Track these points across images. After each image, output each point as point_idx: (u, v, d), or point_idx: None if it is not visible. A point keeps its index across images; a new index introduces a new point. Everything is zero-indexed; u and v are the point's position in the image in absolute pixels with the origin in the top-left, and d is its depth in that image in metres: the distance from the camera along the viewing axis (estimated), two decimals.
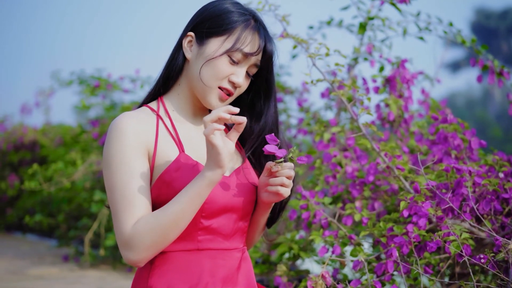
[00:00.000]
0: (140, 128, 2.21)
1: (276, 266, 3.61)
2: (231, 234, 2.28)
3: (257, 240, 2.52)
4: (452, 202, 2.75)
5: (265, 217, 2.43)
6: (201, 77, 2.27)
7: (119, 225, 2.14)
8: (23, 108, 9.53)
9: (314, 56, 2.93)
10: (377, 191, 3.35)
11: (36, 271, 5.68)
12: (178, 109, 2.36)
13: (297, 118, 4.88)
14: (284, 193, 2.24)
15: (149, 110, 2.32)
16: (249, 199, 2.31)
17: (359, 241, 3.03)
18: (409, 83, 3.66)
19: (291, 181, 2.24)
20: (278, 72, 5.39)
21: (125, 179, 2.16)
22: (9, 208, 9.11)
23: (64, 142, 8.10)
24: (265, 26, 2.35)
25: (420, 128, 3.69)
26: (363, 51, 4.15)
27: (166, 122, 2.30)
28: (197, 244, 2.22)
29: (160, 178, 2.20)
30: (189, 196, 2.11)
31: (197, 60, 2.30)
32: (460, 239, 2.65)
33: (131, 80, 6.62)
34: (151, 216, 2.12)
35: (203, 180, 2.10)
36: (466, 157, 3.20)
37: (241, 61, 2.29)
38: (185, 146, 2.27)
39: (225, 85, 2.29)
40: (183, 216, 2.12)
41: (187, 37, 2.33)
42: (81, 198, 6.64)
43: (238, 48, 2.26)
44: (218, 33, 2.28)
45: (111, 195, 2.18)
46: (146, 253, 2.13)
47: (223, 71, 2.27)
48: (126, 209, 2.14)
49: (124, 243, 2.13)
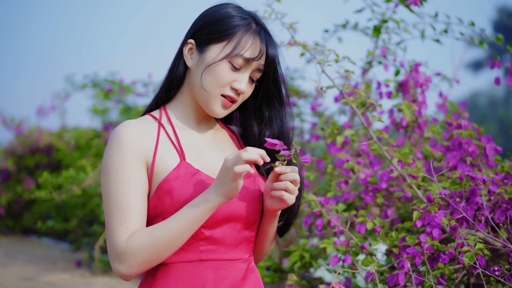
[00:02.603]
0: (139, 136, 2.17)
1: (287, 274, 3.54)
2: (235, 244, 2.22)
3: (268, 251, 2.45)
4: (466, 211, 2.67)
5: (273, 227, 2.35)
6: (203, 85, 2.22)
7: (112, 236, 2.10)
8: (39, 111, 9.56)
9: (324, 63, 2.86)
10: (391, 197, 3.27)
11: (47, 277, 5.67)
12: (181, 117, 2.31)
13: (310, 122, 4.82)
14: (288, 199, 2.14)
15: (151, 118, 2.28)
16: (254, 207, 2.24)
17: (371, 251, 2.96)
18: (423, 88, 3.58)
19: (296, 187, 2.15)
20: (292, 76, 5.34)
21: (121, 189, 2.11)
22: (25, 211, 9.14)
23: (78, 145, 8.10)
24: (266, 29, 2.29)
25: (434, 134, 3.60)
26: (377, 55, 4.07)
27: (168, 129, 2.25)
28: (199, 255, 2.16)
29: (159, 187, 2.15)
30: (189, 218, 2.07)
31: (198, 67, 2.24)
32: (474, 249, 2.57)
33: (144, 84, 6.60)
34: (147, 232, 2.08)
35: (206, 204, 2.06)
36: (481, 164, 3.12)
37: (242, 67, 2.23)
38: (187, 154, 2.22)
39: (228, 92, 2.23)
40: (179, 237, 2.08)
41: (187, 44, 2.28)
42: (93, 203, 6.62)
43: (238, 54, 2.20)
44: (218, 39, 2.22)
45: (107, 205, 2.14)
46: (137, 269, 2.09)
47: (224, 78, 2.21)
48: (120, 220, 2.09)
49: (116, 256, 2.09)
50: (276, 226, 2.37)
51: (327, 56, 2.88)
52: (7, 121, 9.34)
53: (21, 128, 9.36)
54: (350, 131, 3.44)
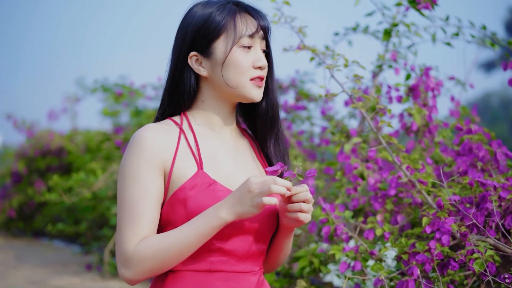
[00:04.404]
0: (160, 143, 2.14)
1: (297, 280, 3.52)
2: (246, 256, 2.19)
3: (283, 262, 2.42)
4: (476, 217, 2.65)
5: (290, 241, 2.33)
6: (229, 82, 2.20)
7: (122, 241, 2.09)
8: (51, 114, 9.58)
9: (333, 68, 2.84)
10: (400, 203, 3.25)
11: (57, 281, 5.68)
12: (203, 123, 2.27)
13: (320, 126, 4.79)
14: (304, 219, 2.11)
15: (173, 123, 2.24)
16: (268, 222, 2.22)
17: (381, 257, 2.94)
18: (434, 92, 3.55)
19: (310, 205, 2.12)
20: (302, 79, 5.32)
21: (136, 195, 2.10)
22: (36, 213, 9.17)
23: (89, 148, 8.11)
24: (246, 3, 2.28)
25: (445, 138, 3.57)
26: (387, 58, 4.05)
27: (189, 136, 2.22)
28: (209, 265, 2.14)
29: (174, 195, 2.13)
30: (198, 231, 2.05)
31: (215, 70, 2.22)
32: (485, 256, 2.55)
33: (153, 88, 6.61)
34: (156, 241, 2.07)
35: (216, 221, 2.04)
36: (492, 169, 3.09)
37: (251, 44, 2.23)
38: (205, 162, 2.19)
39: (254, 74, 2.22)
40: (187, 249, 2.06)
41: (191, 58, 2.24)
42: (104, 206, 6.62)
43: (241, 35, 2.20)
44: (216, 36, 2.21)
45: (120, 208, 2.13)
46: (143, 275, 2.08)
47: (244, 63, 2.20)
48: (131, 226, 2.08)
49: (124, 260, 2.08)
50: (292, 239, 2.35)
51: (336, 61, 2.86)
52: (18, 123, 9.36)
53: (32, 130, 9.38)
54: (358, 139, 3.42)
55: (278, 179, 2.02)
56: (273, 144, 2.37)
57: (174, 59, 2.27)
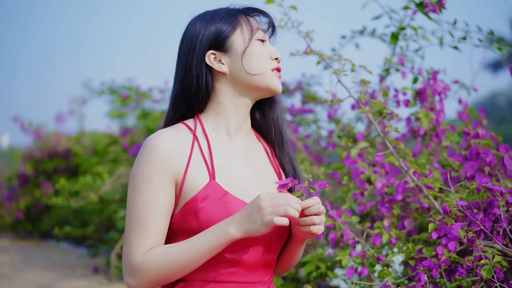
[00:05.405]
0: (173, 151, 2.10)
1: (303, 284, 3.52)
2: (256, 267, 2.16)
3: (292, 266, 2.41)
4: (484, 223, 2.63)
5: (302, 248, 2.31)
6: (251, 71, 2.19)
7: (129, 249, 2.07)
8: (58, 116, 9.60)
9: (339, 72, 2.83)
10: (407, 208, 3.23)
11: (64, 284, 5.68)
12: (218, 127, 2.23)
13: (327, 129, 4.78)
14: (317, 231, 2.08)
15: (186, 129, 2.19)
16: (279, 233, 2.19)
17: (388, 262, 2.93)
18: (441, 96, 3.54)
19: (322, 216, 2.09)
20: (309, 82, 5.31)
21: (145, 203, 2.07)
22: (43, 216, 9.18)
23: (96, 151, 8.12)
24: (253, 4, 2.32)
25: (452, 143, 3.55)
26: (394, 62, 4.04)
27: (202, 143, 2.18)
28: (219, 276, 2.11)
29: (185, 206, 2.09)
30: (205, 245, 2.02)
31: (235, 63, 2.20)
32: (492, 262, 2.53)
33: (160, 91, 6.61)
34: (163, 252, 2.04)
35: (225, 237, 2.01)
36: (499, 174, 3.07)
37: (264, 38, 2.26)
38: (217, 172, 2.15)
39: (273, 64, 2.24)
40: (194, 262, 2.04)
41: (209, 56, 2.21)
42: (110, 210, 6.62)
43: (256, 28, 2.24)
44: (232, 30, 2.22)
45: (129, 215, 2.10)
46: (148, 285, 2.06)
47: (263, 53, 2.22)
48: (139, 235, 2.06)
49: (129, 269, 2.07)
50: (304, 246, 2.33)
51: (343, 65, 2.85)
52: (26, 125, 9.37)
53: (39, 132, 9.38)
54: (364, 144, 3.41)
55: (291, 200, 1.99)
56: (279, 152, 2.36)
57: (187, 60, 2.23)
